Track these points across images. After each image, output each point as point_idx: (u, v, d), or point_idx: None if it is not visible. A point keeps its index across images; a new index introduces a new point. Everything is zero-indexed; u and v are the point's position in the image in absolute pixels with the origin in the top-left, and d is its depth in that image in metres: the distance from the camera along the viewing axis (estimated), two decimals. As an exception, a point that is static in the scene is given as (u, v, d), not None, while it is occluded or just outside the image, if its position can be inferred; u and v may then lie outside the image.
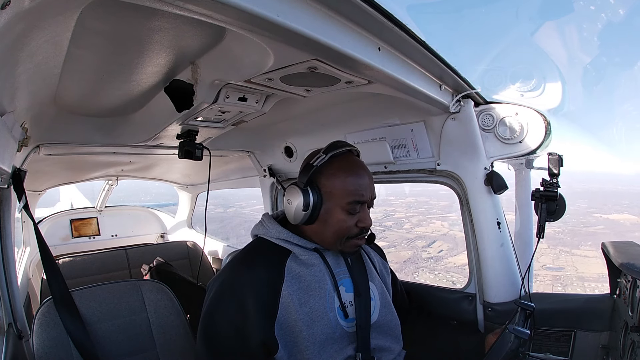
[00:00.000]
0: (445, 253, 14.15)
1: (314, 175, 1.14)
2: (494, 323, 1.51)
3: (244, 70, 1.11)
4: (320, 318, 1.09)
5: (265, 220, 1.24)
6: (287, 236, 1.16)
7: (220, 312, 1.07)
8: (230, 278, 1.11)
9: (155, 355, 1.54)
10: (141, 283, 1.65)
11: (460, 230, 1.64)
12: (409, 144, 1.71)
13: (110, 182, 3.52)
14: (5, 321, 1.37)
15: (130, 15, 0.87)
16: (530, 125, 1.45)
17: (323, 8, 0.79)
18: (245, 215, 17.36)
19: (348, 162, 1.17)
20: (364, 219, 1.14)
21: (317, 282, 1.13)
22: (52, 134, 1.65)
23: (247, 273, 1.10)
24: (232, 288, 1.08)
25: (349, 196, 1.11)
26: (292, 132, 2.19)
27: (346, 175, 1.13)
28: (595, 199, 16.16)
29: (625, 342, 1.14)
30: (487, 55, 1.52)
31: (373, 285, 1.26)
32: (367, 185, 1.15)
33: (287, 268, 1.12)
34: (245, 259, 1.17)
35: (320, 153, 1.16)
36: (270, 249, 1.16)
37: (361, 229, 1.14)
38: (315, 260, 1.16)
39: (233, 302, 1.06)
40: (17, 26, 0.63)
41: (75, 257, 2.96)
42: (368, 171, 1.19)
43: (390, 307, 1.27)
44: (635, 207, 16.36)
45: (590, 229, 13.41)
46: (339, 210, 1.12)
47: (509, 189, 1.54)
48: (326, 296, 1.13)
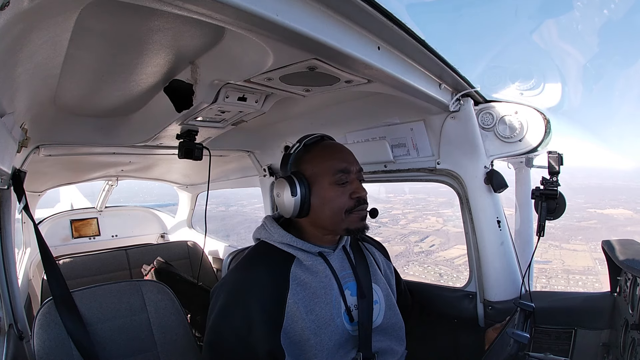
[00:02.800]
0: (437, 247, 14.22)
1: (294, 165, 1.15)
2: (494, 321, 1.51)
3: (244, 70, 1.11)
4: (327, 325, 1.08)
5: (268, 224, 1.20)
6: (291, 240, 1.13)
7: (226, 323, 1.04)
8: (234, 287, 1.08)
9: (156, 355, 1.54)
10: (142, 283, 1.65)
11: (454, 226, 1.65)
12: (408, 143, 1.71)
13: (110, 183, 3.52)
14: (5, 322, 1.37)
15: (129, 16, 0.87)
16: (530, 124, 1.45)
17: (322, 7, 0.79)
18: (246, 213, 17.47)
19: (324, 144, 1.18)
20: (357, 189, 1.12)
21: (323, 288, 1.11)
22: (51, 135, 1.65)
23: (252, 282, 1.07)
24: (237, 298, 1.05)
25: (332, 167, 1.11)
26: (291, 132, 2.19)
27: (325, 153, 1.14)
28: (592, 194, 16.22)
29: (626, 340, 1.14)
30: (486, 54, 1.53)
31: (377, 287, 1.24)
32: (348, 156, 1.15)
33: (292, 275, 1.10)
34: (249, 266, 1.14)
35: (294, 143, 1.18)
36: (274, 255, 1.13)
37: (357, 200, 1.11)
38: (320, 265, 1.13)
39: (239, 312, 1.03)
40: (17, 27, 0.63)
41: (76, 257, 2.95)
42: (346, 148, 1.19)
43: (395, 309, 1.25)
44: (632, 202, 16.43)
45: (582, 223, 13.43)
46: (327, 187, 1.10)
47: (509, 187, 1.54)
48: (332, 302, 1.11)
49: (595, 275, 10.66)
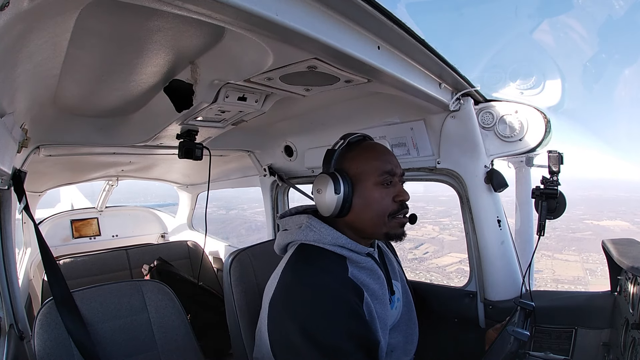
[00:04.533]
0: (430, 255, 14.44)
1: (338, 162, 1.09)
2: (494, 321, 1.51)
3: (244, 69, 1.11)
4: (387, 326, 1.06)
5: (316, 225, 1.08)
6: (345, 242, 1.05)
7: (335, 330, 0.92)
8: (317, 283, 0.97)
9: (156, 355, 1.54)
10: (142, 283, 1.65)
11: (450, 234, 1.65)
12: (408, 143, 1.71)
13: (110, 183, 3.53)
14: (6, 322, 1.37)
15: (129, 16, 0.87)
16: (530, 123, 1.45)
17: (322, 7, 0.79)
18: (246, 217, 17.57)
19: (367, 144, 1.13)
20: (401, 192, 1.06)
21: (380, 289, 1.08)
22: (52, 135, 1.65)
23: (331, 278, 0.99)
24: (329, 292, 0.95)
25: (378, 168, 1.05)
26: (292, 131, 2.19)
27: (370, 153, 1.09)
28: (592, 206, 16.39)
29: (626, 339, 1.14)
30: (486, 53, 1.52)
31: (398, 284, 1.23)
32: (393, 158, 1.10)
33: (352, 276, 1.03)
34: (315, 263, 1.03)
35: (338, 140, 1.13)
36: (327, 256, 1.04)
37: (400, 203, 1.06)
38: (373, 266, 1.09)
39: (341, 306, 0.94)
40: (16, 27, 0.63)
41: (76, 257, 2.96)
42: (390, 150, 1.15)
43: (411, 306, 1.24)
44: (630, 214, 16.61)
45: (577, 234, 13.60)
46: (372, 187, 1.05)
47: (509, 186, 1.54)
48: (387, 302, 1.09)
49: (585, 285, 10.90)
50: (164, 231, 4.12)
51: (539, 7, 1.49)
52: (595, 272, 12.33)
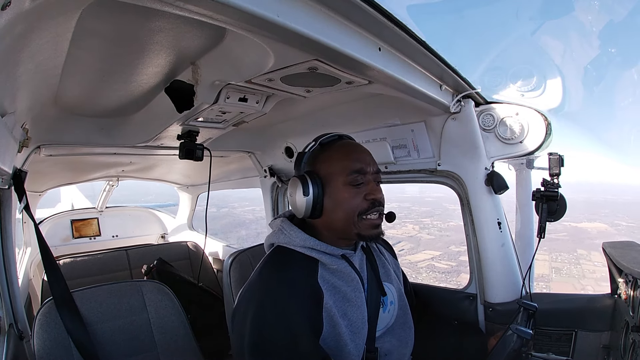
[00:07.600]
0: (406, 252, 15.02)
1: (309, 164, 1.10)
2: (495, 323, 1.51)
3: (245, 70, 1.11)
4: (360, 329, 1.05)
5: (287, 228, 1.11)
6: (314, 244, 1.06)
7: (270, 337, 0.94)
8: (269, 296, 0.98)
9: (156, 355, 1.54)
10: (142, 283, 1.65)
11: (428, 234, 1.65)
12: (409, 144, 1.71)
13: (110, 183, 3.53)
14: (6, 322, 1.37)
15: (130, 16, 0.87)
16: (531, 126, 1.45)
17: (323, 8, 0.79)
18: (236, 214, 18.55)
19: (341, 144, 1.13)
20: (372, 191, 1.05)
21: (353, 291, 1.07)
22: (52, 135, 1.65)
23: (288, 287, 0.99)
24: (276, 308, 0.96)
25: (347, 167, 1.05)
26: (292, 133, 2.19)
27: (340, 152, 1.09)
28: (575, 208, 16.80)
29: (626, 342, 1.14)
30: (487, 55, 1.52)
31: (391, 286, 1.21)
32: (365, 157, 1.09)
33: (321, 278, 1.04)
34: (280, 269, 1.05)
35: (310, 142, 1.14)
36: (298, 259, 1.06)
37: (371, 202, 1.05)
38: (346, 269, 1.08)
39: (281, 324, 0.94)
40: (18, 27, 0.63)
41: (76, 257, 2.95)
42: (364, 148, 1.14)
43: (406, 310, 1.23)
44: (612, 217, 16.83)
45: (552, 235, 13.82)
46: (341, 187, 1.05)
47: (510, 189, 1.54)
48: (363, 305, 1.08)
49: (547, 282, 11.29)
50: (164, 232, 4.12)
51: (540, 10, 1.49)
52: (560, 271, 12.87)
